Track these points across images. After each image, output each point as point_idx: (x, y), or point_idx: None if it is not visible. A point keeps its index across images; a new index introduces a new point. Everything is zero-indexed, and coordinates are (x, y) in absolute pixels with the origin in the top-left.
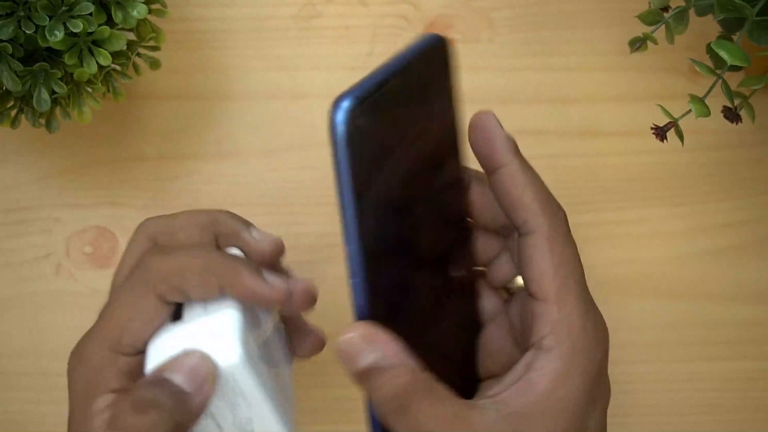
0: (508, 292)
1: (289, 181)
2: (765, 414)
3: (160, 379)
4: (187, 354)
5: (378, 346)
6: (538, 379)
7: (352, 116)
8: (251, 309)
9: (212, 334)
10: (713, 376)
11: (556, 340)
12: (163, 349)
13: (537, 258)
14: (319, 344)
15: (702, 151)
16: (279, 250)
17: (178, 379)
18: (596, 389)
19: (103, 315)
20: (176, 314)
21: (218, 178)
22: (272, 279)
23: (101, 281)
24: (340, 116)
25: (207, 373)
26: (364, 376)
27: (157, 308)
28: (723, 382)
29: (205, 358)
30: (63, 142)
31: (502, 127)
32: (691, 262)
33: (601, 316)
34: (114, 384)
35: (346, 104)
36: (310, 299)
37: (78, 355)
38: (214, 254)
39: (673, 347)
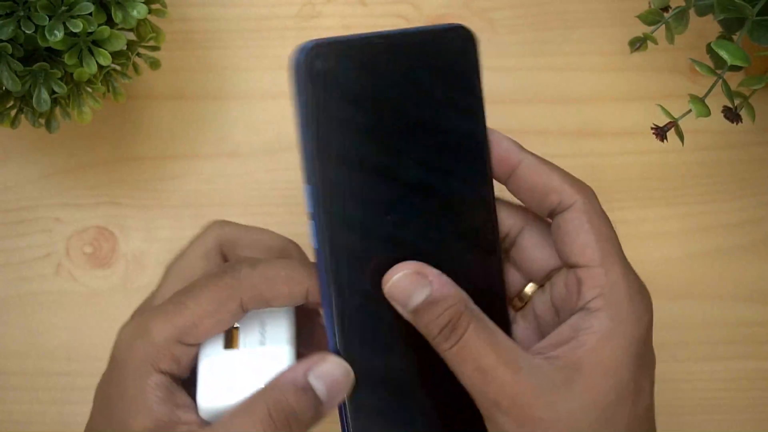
0: (521, 300)
1: (288, 181)
2: (765, 414)
3: (305, 387)
4: (329, 360)
5: (427, 281)
6: (588, 337)
7: (311, 57)
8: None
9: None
10: (713, 376)
11: (604, 301)
12: (219, 372)
13: (577, 230)
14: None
15: (702, 151)
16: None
17: (320, 388)
18: (644, 353)
19: (177, 302)
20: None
21: (218, 178)
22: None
23: (101, 281)
24: (300, 55)
25: (344, 387)
26: (418, 313)
27: (235, 314)
28: (723, 382)
29: (346, 372)
30: (63, 142)
31: (501, 133)
32: (692, 262)
33: (644, 284)
34: (164, 366)
35: (308, 45)
36: None
37: (143, 328)
38: (296, 263)
39: (673, 347)
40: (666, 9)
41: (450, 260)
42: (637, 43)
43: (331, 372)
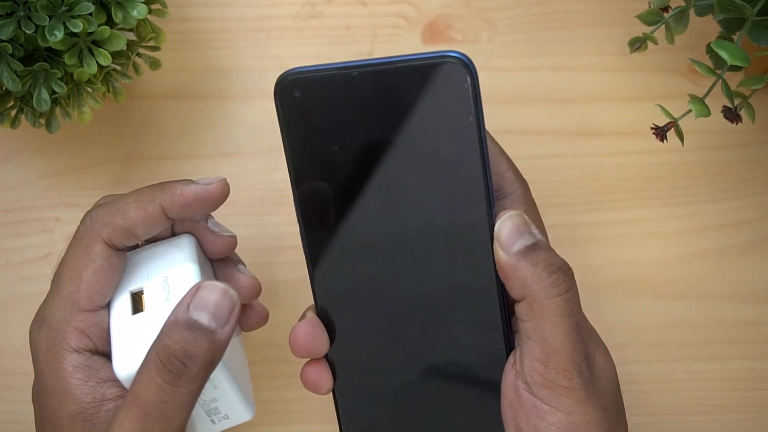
0: None
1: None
2: (765, 414)
3: (188, 322)
4: (205, 287)
5: (535, 230)
6: None
7: (284, 86)
8: None
9: None
10: (713, 376)
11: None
12: (130, 338)
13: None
14: (264, 316)
15: (702, 151)
16: (233, 243)
17: (204, 317)
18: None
19: (56, 278)
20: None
21: None
22: (205, 180)
23: None
24: (278, 84)
25: (229, 306)
26: (523, 254)
27: (107, 254)
28: (723, 382)
29: (223, 291)
30: (63, 142)
31: None
32: (691, 262)
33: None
34: (74, 344)
35: (286, 74)
36: (256, 291)
37: (39, 319)
38: (145, 187)
39: (673, 347)
40: (666, 9)
41: (435, 258)
42: (637, 43)
43: (208, 298)
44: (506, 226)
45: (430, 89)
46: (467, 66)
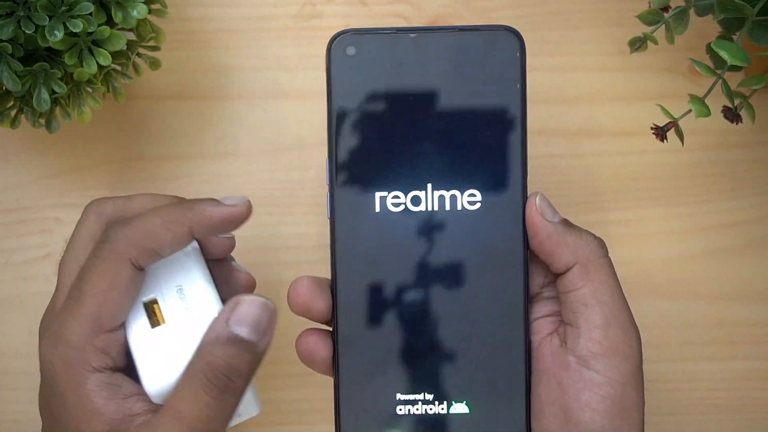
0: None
1: (288, 181)
2: (765, 414)
3: (231, 338)
4: (244, 302)
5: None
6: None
7: (336, 43)
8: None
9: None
10: (713, 376)
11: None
12: (155, 353)
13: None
14: (252, 284)
15: (702, 151)
16: (233, 245)
17: (245, 331)
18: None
19: (75, 294)
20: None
21: (218, 178)
22: (231, 200)
23: None
24: (332, 40)
25: (268, 319)
26: (565, 223)
27: (133, 275)
28: (723, 382)
29: (263, 305)
30: (63, 142)
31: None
32: (691, 262)
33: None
34: (96, 363)
35: (342, 32)
36: (252, 287)
37: (56, 336)
38: (171, 206)
39: (673, 347)
40: (666, 9)
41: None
42: (637, 43)
43: (248, 312)
44: (543, 200)
45: (484, 56)
46: (518, 37)
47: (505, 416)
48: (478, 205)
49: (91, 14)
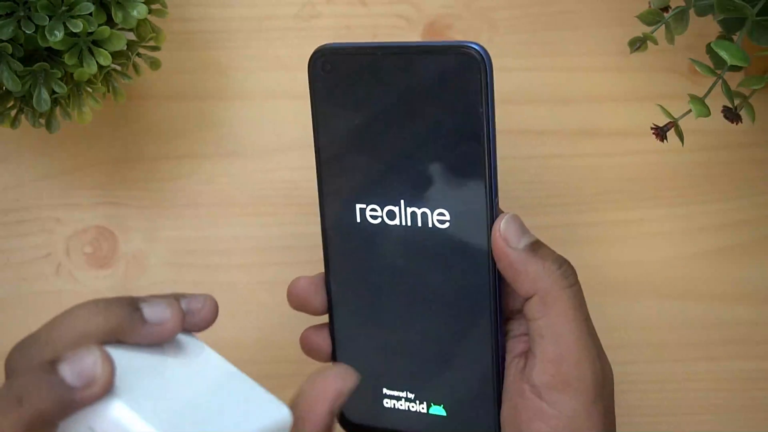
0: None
1: (289, 181)
2: (765, 414)
3: (46, 368)
4: (89, 351)
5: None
6: None
7: (315, 60)
8: None
9: None
10: (713, 376)
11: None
12: None
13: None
14: (215, 311)
15: (702, 151)
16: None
17: (66, 372)
18: None
19: None
20: None
21: (218, 178)
22: (156, 313)
23: (101, 281)
24: (312, 59)
25: (101, 376)
26: (531, 248)
27: None
28: (723, 382)
29: (105, 362)
30: (63, 142)
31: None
32: (691, 262)
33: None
34: None
35: (320, 48)
36: (214, 311)
37: None
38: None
39: (673, 347)
40: (666, 9)
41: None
42: (637, 43)
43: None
44: (510, 224)
45: (449, 75)
46: (482, 56)
47: (478, 427)
48: (447, 224)
49: (91, 14)
